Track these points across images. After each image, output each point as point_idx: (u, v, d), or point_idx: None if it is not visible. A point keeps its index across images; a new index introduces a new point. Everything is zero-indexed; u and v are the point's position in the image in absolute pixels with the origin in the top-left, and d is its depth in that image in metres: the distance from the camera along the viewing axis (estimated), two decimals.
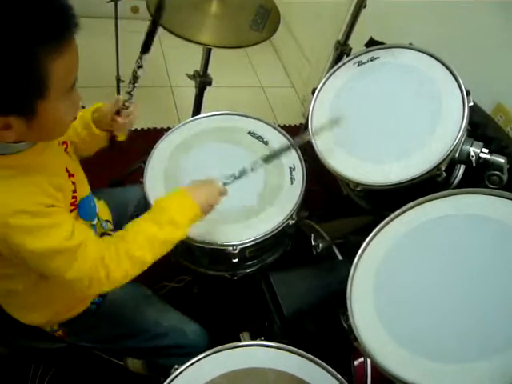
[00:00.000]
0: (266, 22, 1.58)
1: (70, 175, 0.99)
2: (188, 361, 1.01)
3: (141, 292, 1.28)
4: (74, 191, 0.99)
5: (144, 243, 0.97)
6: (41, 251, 0.85)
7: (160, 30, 1.46)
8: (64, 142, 1.06)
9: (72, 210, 0.99)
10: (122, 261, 0.95)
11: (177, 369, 0.99)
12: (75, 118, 0.91)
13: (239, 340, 1.14)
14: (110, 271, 0.93)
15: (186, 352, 1.06)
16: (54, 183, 0.88)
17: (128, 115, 1.17)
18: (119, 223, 1.17)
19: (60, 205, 0.88)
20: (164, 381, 0.98)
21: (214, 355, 1.03)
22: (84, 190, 1.06)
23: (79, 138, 1.16)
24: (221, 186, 1.12)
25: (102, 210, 1.22)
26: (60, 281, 0.92)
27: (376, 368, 0.92)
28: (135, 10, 3.25)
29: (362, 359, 1.15)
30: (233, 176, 1.14)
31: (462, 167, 1.31)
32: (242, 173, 1.15)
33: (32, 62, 0.69)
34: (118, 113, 1.15)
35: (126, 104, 1.16)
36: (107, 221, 1.24)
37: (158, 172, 1.38)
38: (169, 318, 1.25)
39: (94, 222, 1.12)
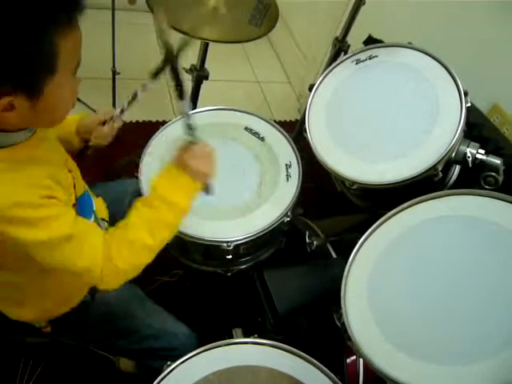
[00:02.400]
0: (264, 18, 1.56)
1: (69, 170, 0.98)
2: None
3: (132, 292, 1.25)
4: (74, 187, 0.97)
5: (140, 226, 0.95)
6: (43, 242, 0.82)
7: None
8: None
9: (74, 205, 0.96)
10: (124, 251, 0.93)
11: (169, 365, 0.99)
12: (72, 108, 0.88)
13: (232, 336, 1.14)
14: (117, 263, 0.91)
15: (175, 355, 1.03)
16: (54, 176, 0.86)
17: (112, 128, 1.20)
18: (115, 216, 1.15)
19: (60, 197, 0.86)
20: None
21: (206, 352, 1.03)
22: (80, 187, 1.04)
23: None
24: (209, 148, 1.04)
25: (99, 207, 1.20)
26: (71, 273, 0.90)
27: (368, 366, 0.92)
28: (132, 1, 3.22)
29: (354, 357, 1.15)
30: (189, 129, 1.01)
31: (458, 167, 1.31)
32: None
33: (42, 36, 0.69)
34: (104, 123, 1.20)
35: (115, 118, 1.20)
36: (103, 219, 1.22)
37: (154, 166, 1.37)
38: (159, 320, 1.23)
39: (91, 221, 1.10)
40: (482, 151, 1.18)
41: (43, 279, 1.00)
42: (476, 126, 1.34)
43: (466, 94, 1.17)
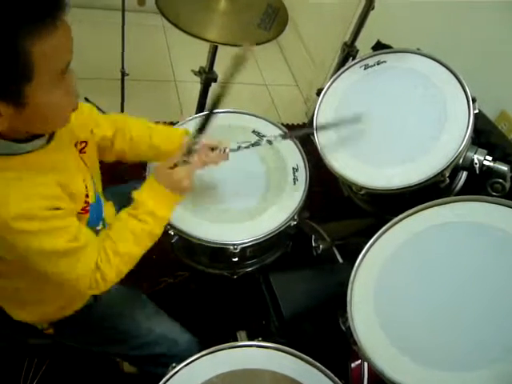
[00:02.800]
0: (273, 22, 1.57)
1: (83, 179, 0.98)
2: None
3: (134, 296, 1.26)
4: (87, 196, 0.98)
5: (129, 238, 0.99)
6: (45, 253, 0.85)
7: (167, 24, 1.46)
8: (83, 142, 1.04)
9: (82, 214, 0.97)
10: (112, 259, 0.95)
11: (174, 367, 0.99)
12: (75, 109, 0.86)
13: (236, 338, 1.14)
14: (103, 272, 0.94)
15: (176, 362, 1.03)
16: (64, 184, 0.87)
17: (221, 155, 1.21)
18: None
19: (65, 207, 0.87)
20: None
21: (210, 355, 1.03)
22: (93, 196, 1.04)
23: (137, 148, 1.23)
24: (186, 169, 1.07)
25: (109, 212, 1.21)
26: (62, 282, 0.93)
27: (372, 371, 0.92)
28: (142, 2, 3.24)
29: (358, 362, 1.15)
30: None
31: (465, 174, 1.31)
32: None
33: (14, 43, 0.67)
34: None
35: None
36: None
37: None
38: (161, 326, 1.23)
39: (99, 228, 1.10)
40: (490, 158, 1.17)
41: (42, 285, 1.01)
42: (484, 133, 1.33)
43: (474, 100, 1.16)
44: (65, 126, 0.88)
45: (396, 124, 1.27)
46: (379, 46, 1.59)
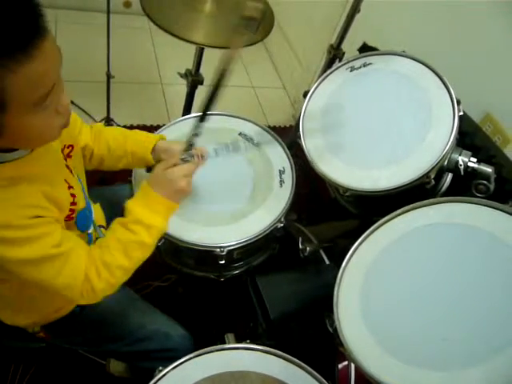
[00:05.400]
0: (259, 24, 1.57)
1: (70, 187, 0.96)
2: (172, 363, 1.01)
3: (126, 295, 1.25)
4: (73, 203, 0.96)
5: (117, 249, 0.96)
6: (27, 260, 0.82)
7: (153, 27, 1.45)
8: (69, 146, 1.03)
9: (67, 221, 0.95)
10: (100, 270, 0.94)
11: (161, 371, 0.99)
12: (66, 125, 0.83)
13: (224, 341, 1.14)
14: (93, 283, 0.93)
15: (171, 356, 1.04)
16: (48, 193, 0.85)
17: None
18: (112, 221, 1.15)
19: (48, 215, 0.85)
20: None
21: (198, 358, 1.03)
22: (82, 202, 1.02)
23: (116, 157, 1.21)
24: (184, 168, 1.04)
25: (98, 214, 1.20)
26: (53, 290, 0.90)
27: (359, 372, 0.93)
28: (128, 4, 3.23)
29: (345, 363, 1.15)
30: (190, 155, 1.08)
31: (450, 175, 1.32)
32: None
33: None
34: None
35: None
36: (101, 226, 1.21)
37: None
38: (154, 322, 1.23)
39: (90, 231, 1.10)
40: (474, 159, 1.19)
41: (28, 291, 1.00)
42: (468, 135, 1.35)
43: (458, 102, 1.18)
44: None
45: (382, 126, 1.28)
46: (365, 49, 1.60)
